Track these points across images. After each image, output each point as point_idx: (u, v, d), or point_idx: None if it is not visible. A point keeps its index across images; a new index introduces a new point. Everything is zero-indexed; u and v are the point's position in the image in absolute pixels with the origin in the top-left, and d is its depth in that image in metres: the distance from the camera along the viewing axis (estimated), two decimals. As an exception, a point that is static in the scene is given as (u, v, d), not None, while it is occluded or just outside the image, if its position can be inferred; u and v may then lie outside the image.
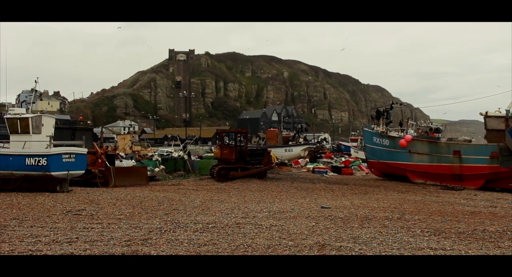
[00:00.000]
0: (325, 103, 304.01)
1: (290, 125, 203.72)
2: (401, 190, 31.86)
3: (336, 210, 20.25)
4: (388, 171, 40.70)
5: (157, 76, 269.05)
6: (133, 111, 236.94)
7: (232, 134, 39.19)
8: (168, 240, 13.12)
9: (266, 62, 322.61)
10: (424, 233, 15.01)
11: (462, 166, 35.79)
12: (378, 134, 41.02)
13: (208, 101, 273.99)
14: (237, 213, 18.60)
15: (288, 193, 28.03)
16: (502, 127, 35.08)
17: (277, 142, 70.08)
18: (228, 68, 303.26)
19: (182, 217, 17.50)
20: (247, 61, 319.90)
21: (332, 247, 12.37)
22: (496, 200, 27.08)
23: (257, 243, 12.74)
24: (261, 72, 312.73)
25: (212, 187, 30.55)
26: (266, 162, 38.30)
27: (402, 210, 20.80)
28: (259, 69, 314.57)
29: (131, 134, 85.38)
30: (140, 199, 22.81)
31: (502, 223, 17.53)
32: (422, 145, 37.93)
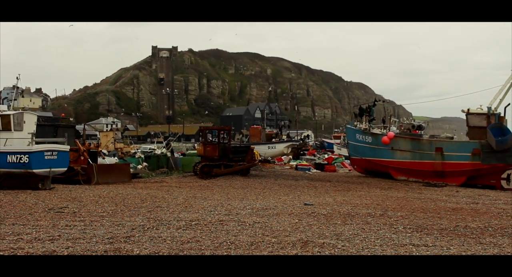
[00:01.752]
0: (308, 100, 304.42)
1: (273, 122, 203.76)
2: (383, 187, 32.01)
3: (319, 207, 20.30)
4: (371, 168, 40.85)
5: (140, 73, 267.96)
6: (115, 108, 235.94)
7: (215, 131, 39.07)
8: (151, 237, 13.09)
9: (249, 59, 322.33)
10: (407, 230, 15.09)
11: (444, 163, 36.01)
12: (361, 131, 41.16)
13: (191, 98, 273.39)
14: (220, 210, 18.59)
15: (271, 190, 28.07)
16: (484, 124, 35.32)
17: (260, 139, 70.07)
18: (211, 65, 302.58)
19: (165, 214, 17.46)
20: (230, 58, 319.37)
21: (315, 244, 12.40)
22: (477, 197, 27.27)
23: (240, 240, 12.74)
24: (244, 69, 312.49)
25: (195, 184, 30.50)
26: (249, 159, 38.31)
27: (384, 207, 20.90)
28: (243, 66, 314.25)
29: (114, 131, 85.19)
30: (122, 197, 22.74)
31: (484, 220, 17.66)
32: (404, 142, 38.11)
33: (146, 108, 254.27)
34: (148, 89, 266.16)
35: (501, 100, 35.87)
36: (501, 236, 14.38)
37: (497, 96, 35.88)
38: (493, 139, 33.83)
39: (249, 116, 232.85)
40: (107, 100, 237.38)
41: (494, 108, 35.72)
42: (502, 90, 35.93)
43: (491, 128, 34.50)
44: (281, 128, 78.80)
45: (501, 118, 35.54)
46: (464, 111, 36.53)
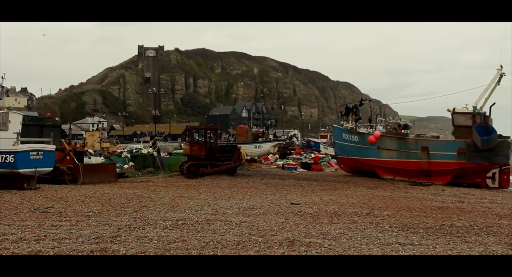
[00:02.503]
0: (294, 100, 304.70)
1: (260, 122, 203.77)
2: (370, 186, 32.10)
3: (306, 206, 20.33)
4: (357, 167, 40.98)
5: (126, 72, 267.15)
6: (102, 108, 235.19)
7: (201, 131, 39.01)
8: (137, 237, 13.05)
9: (236, 58, 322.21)
10: (393, 229, 15.14)
11: (430, 162, 36.18)
12: (347, 130, 41.27)
13: (178, 98, 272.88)
14: (207, 210, 18.57)
15: (258, 189, 28.07)
16: (469, 124, 35.54)
17: (247, 138, 70.04)
18: (197, 64, 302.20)
19: (151, 214, 17.42)
20: (217, 57, 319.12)
21: (301, 243, 12.41)
22: (463, 196, 27.43)
23: (227, 240, 12.74)
24: (231, 68, 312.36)
25: (182, 184, 30.44)
26: (236, 158, 38.30)
27: (371, 206, 20.95)
28: (229, 65, 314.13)
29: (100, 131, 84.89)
30: (109, 196, 22.65)
31: (469, 218, 17.76)
32: (390, 141, 38.26)
33: (133, 107, 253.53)
34: (134, 89, 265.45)
35: (487, 100, 36.10)
36: (486, 235, 14.46)
37: (483, 96, 36.10)
38: (479, 138, 34.03)
39: (236, 116, 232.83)
40: (93, 99, 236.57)
41: (480, 108, 35.94)
42: (488, 90, 36.14)
43: (477, 127, 34.70)
44: (268, 128, 78.67)
45: (486, 117, 35.76)
46: (449, 111, 36.73)
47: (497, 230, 15.24)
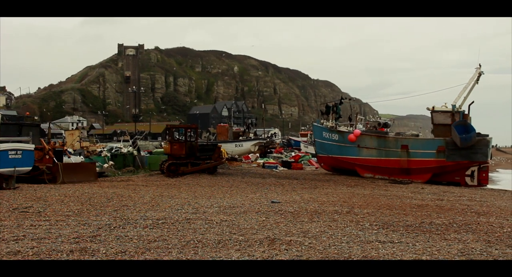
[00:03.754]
0: (275, 98, 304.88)
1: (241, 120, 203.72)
2: (350, 184, 32.21)
3: (286, 204, 20.35)
4: (338, 165, 41.10)
5: (106, 71, 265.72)
6: (81, 107, 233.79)
7: (182, 130, 38.97)
8: (117, 236, 12.99)
9: (216, 57, 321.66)
10: (373, 227, 15.20)
11: (410, 160, 36.41)
12: (327, 129, 41.38)
13: (158, 96, 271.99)
14: (187, 209, 18.52)
15: (239, 188, 28.05)
16: (448, 122, 35.84)
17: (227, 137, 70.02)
18: (178, 63, 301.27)
19: (131, 213, 17.34)
20: (197, 56, 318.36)
21: (282, 242, 12.42)
22: (442, 194, 27.61)
23: (208, 239, 12.72)
24: (211, 67, 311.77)
25: (162, 183, 30.36)
26: (217, 157, 38.27)
27: (351, 204, 21.02)
28: (209, 64, 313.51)
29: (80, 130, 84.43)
30: (88, 196, 22.52)
31: (448, 216, 17.88)
32: (370, 140, 38.42)
33: (112, 106, 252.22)
34: (114, 87, 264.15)
35: (465, 98, 36.40)
36: (465, 232, 14.57)
37: (462, 94, 36.39)
38: (458, 137, 34.29)
39: (216, 114, 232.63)
40: (72, 98, 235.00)
41: (459, 106, 36.22)
42: (466, 88, 36.44)
43: (456, 125, 34.96)
44: (248, 126, 78.68)
45: (465, 116, 36.03)
46: (429, 109, 36.97)
47: (476, 228, 15.36)
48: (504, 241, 13.34)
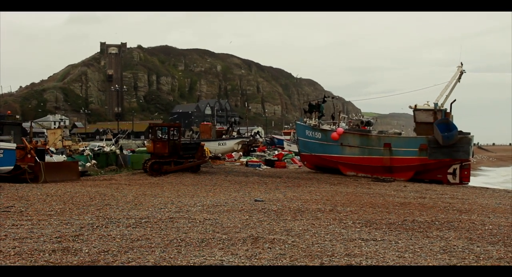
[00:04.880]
0: (258, 97, 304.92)
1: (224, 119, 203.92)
2: (333, 183, 32.28)
3: (270, 203, 20.36)
4: (321, 164, 41.20)
5: (88, 70, 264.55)
6: (63, 105, 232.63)
7: (165, 128, 38.92)
8: (100, 235, 12.93)
9: (199, 55, 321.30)
10: (356, 225, 15.25)
11: (393, 158, 36.57)
12: (310, 127, 41.46)
13: (141, 95, 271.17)
14: (171, 208, 18.48)
15: (222, 187, 28.02)
16: (431, 120, 36.02)
17: (210, 135, 69.93)
18: (160, 61, 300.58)
19: (114, 212, 17.28)
20: (180, 54, 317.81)
21: (265, 240, 12.43)
22: (424, 191, 27.75)
23: (191, 237, 12.70)
24: (194, 65, 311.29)
25: (145, 182, 30.28)
26: (200, 156, 38.23)
27: (334, 202, 21.07)
28: (192, 62, 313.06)
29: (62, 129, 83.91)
30: (71, 195, 22.41)
31: (431, 214, 17.97)
32: (353, 138, 38.53)
33: (95, 105, 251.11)
34: (96, 86, 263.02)
35: (447, 96, 36.59)
36: (447, 230, 14.65)
37: (443, 93, 36.59)
38: (440, 135, 34.47)
39: (199, 113, 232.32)
40: (54, 97, 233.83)
41: (441, 104, 36.42)
42: (448, 87, 36.64)
43: (438, 123, 35.15)
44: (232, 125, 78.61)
45: (447, 114, 36.24)
46: (411, 107, 37.16)
47: (458, 225, 15.45)
48: (486, 238, 13.43)
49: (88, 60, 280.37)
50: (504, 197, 26.46)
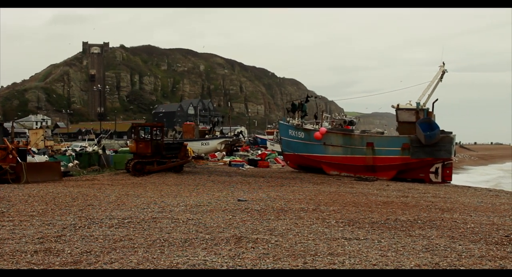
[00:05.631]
0: (241, 97, 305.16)
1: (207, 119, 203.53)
2: (316, 182, 32.33)
3: (253, 202, 20.37)
4: (304, 163, 41.25)
5: (71, 70, 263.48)
6: (45, 105, 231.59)
7: (147, 128, 38.79)
8: (82, 236, 12.88)
9: (182, 55, 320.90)
10: (339, 224, 15.28)
11: (375, 158, 36.68)
12: (293, 127, 41.50)
13: (123, 95, 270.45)
14: (154, 208, 18.44)
15: (205, 186, 28.00)
16: (413, 119, 36.17)
17: (193, 135, 69.77)
18: (143, 61, 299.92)
19: (97, 212, 17.21)
20: (162, 54, 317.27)
21: (248, 240, 12.43)
22: (407, 190, 27.87)
23: (174, 237, 12.67)
24: (177, 65, 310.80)
25: (128, 182, 30.18)
26: (183, 155, 38.13)
27: (317, 202, 21.11)
28: (175, 62, 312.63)
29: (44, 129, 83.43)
30: (53, 195, 22.30)
31: (413, 213, 18.05)
32: (336, 138, 38.61)
33: (77, 105, 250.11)
34: (79, 86, 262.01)
35: (430, 96, 36.75)
36: (429, 228, 14.72)
37: (426, 92, 36.76)
38: (422, 134, 34.63)
39: (182, 113, 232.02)
40: (36, 97, 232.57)
41: (423, 104, 36.58)
42: (430, 86, 36.81)
43: (420, 123, 35.31)
44: (214, 125, 78.49)
45: (429, 113, 36.41)
46: (394, 107, 37.28)
47: (440, 224, 15.53)
48: (468, 236, 13.51)
49: (70, 60, 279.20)
50: (485, 196, 26.63)
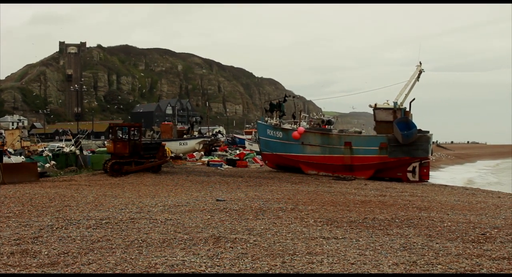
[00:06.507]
0: (219, 96, 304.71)
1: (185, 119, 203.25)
2: (294, 182, 32.38)
3: (231, 202, 20.36)
4: (282, 163, 41.30)
5: (47, 70, 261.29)
6: (22, 106, 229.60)
7: (125, 128, 38.59)
8: (59, 237, 12.80)
9: (159, 55, 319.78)
10: (317, 223, 15.32)
11: (353, 157, 36.82)
12: (271, 126, 41.53)
13: (101, 95, 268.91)
14: (132, 208, 18.37)
15: (183, 186, 27.93)
16: (390, 119, 36.34)
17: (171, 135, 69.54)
18: (121, 61, 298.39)
19: (74, 213, 17.11)
20: (140, 54, 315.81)
21: (227, 239, 12.43)
22: (385, 189, 28.00)
23: (152, 238, 12.64)
24: (154, 65, 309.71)
25: (106, 182, 30.01)
26: (161, 156, 37.99)
27: (295, 201, 21.14)
28: (153, 62, 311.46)
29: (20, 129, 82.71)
30: (30, 196, 22.12)
31: (391, 212, 18.15)
32: (314, 137, 38.70)
33: (54, 105, 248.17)
34: (55, 86, 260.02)
35: (407, 95, 36.97)
36: (407, 227, 14.81)
37: (403, 92, 36.95)
38: (399, 133, 34.81)
39: (160, 113, 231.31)
40: (12, 97, 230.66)
41: (400, 103, 36.75)
42: (407, 86, 37.03)
43: (397, 122, 35.49)
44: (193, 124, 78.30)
45: (406, 113, 36.59)
46: (371, 106, 37.44)
47: (417, 222, 15.63)
48: (445, 235, 13.62)
49: (47, 59, 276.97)
50: (462, 194, 26.85)
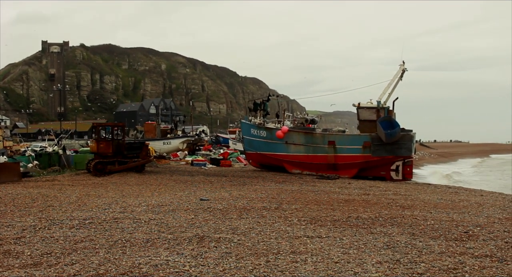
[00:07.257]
0: (203, 96, 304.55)
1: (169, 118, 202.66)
2: (278, 181, 32.38)
3: (215, 202, 20.34)
4: (266, 162, 41.30)
5: (30, 69, 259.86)
6: (4, 105, 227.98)
7: (108, 128, 38.40)
8: (42, 237, 12.72)
9: (143, 54, 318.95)
10: (301, 222, 15.35)
11: (337, 156, 36.91)
12: (255, 125, 41.52)
13: (84, 94, 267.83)
14: (115, 208, 18.29)
15: (167, 186, 27.84)
16: (374, 118, 36.47)
17: (155, 135, 69.37)
18: (104, 60, 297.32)
19: (57, 213, 17.02)
20: (123, 53, 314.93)
21: (211, 239, 12.42)
22: (368, 188, 28.09)
23: (136, 238, 12.60)
24: (138, 64, 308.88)
25: (89, 182, 29.86)
26: (144, 155, 37.86)
27: (279, 200, 21.15)
28: (136, 61, 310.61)
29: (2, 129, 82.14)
30: (12, 196, 21.97)
31: (374, 210, 18.21)
32: (298, 136, 38.75)
33: (37, 104, 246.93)
34: (38, 85, 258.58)
35: (390, 94, 37.07)
36: (390, 226, 14.87)
37: (386, 91, 37.07)
38: (383, 132, 34.96)
39: (144, 112, 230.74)
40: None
41: (383, 102, 36.88)
42: (391, 85, 37.14)
43: (381, 121, 35.62)
44: (176, 124, 78.20)
45: (390, 112, 36.73)
46: (355, 105, 37.54)
47: (401, 221, 15.70)
48: (428, 233, 13.69)
49: (29, 59, 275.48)
50: (445, 193, 27.01)
